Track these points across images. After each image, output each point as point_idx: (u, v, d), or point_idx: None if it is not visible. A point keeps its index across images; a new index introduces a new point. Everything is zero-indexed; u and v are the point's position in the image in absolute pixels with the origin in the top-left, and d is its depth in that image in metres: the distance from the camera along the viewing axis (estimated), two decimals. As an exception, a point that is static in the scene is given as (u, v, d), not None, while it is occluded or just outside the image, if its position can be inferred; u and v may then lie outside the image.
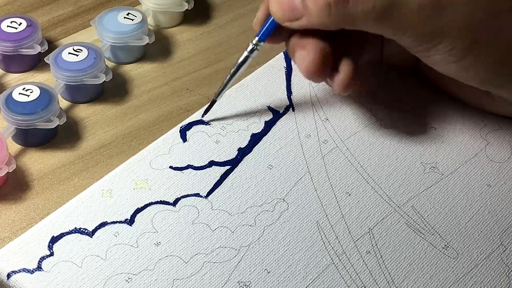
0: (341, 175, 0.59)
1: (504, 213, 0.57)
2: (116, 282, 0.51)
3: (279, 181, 0.58)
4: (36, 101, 0.61)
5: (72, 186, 0.60)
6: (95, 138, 0.64)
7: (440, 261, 0.54)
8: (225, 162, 0.60)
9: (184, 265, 0.53)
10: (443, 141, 0.62)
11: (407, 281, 0.53)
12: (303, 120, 0.63)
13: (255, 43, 0.60)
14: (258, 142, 0.61)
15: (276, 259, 0.54)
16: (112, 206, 0.56)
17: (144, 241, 0.54)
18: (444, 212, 0.57)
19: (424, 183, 0.59)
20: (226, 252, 0.54)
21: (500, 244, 0.55)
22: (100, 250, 0.53)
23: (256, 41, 0.60)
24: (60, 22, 0.75)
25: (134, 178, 0.58)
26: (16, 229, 0.57)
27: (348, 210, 0.57)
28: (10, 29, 0.67)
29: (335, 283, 0.52)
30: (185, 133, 0.62)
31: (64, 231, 0.54)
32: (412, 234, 0.56)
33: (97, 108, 0.66)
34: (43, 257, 0.52)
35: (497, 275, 0.54)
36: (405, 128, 0.63)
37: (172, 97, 0.68)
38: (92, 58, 0.65)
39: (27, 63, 0.69)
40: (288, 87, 0.66)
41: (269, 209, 0.56)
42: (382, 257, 0.54)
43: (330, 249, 0.54)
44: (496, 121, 0.64)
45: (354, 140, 0.62)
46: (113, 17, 0.69)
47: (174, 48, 0.73)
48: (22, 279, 0.51)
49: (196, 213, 0.56)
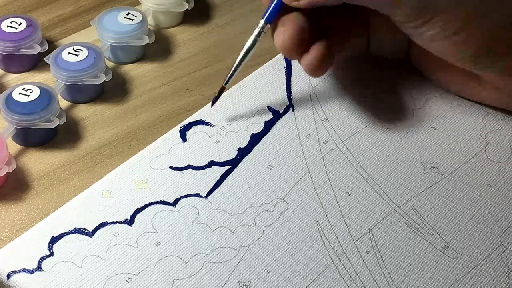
0: (341, 175, 0.59)
1: (504, 213, 0.57)
2: (116, 282, 0.51)
3: (279, 181, 0.58)
4: (36, 101, 0.61)
5: (72, 186, 0.60)
6: (95, 138, 0.64)
7: (440, 261, 0.54)
8: (225, 162, 0.60)
9: (184, 265, 0.53)
10: (443, 141, 0.62)
11: (407, 281, 0.53)
12: (303, 120, 0.63)
13: (261, 26, 0.60)
14: (258, 142, 0.61)
15: (276, 259, 0.54)
16: (112, 206, 0.56)
17: (144, 241, 0.54)
18: (444, 212, 0.57)
19: (424, 183, 0.59)
20: (226, 252, 0.54)
21: (500, 244, 0.55)
22: (100, 250, 0.53)
23: (262, 23, 0.60)
24: (60, 22, 0.75)
25: (134, 178, 0.58)
26: (16, 229, 0.57)
27: (348, 210, 0.57)
28: (10, 29, 0.67)
29: (335, 283, 0.52)
30: (185, 133, 0.62)
31: (64, 231, 0.54)
32: (412, 234, 0.56)
33: (97, 108, 0.66)
34: (43, 257, 0.52)
35: (497, 275, 0.54)
36: (405, 128, 0.63)
37: (172, 97, 0.68)
38: (92, 58, 0.65)
39: (27, 63, 0.69)
40: (288, 87, 0.66)
41: (269, 209, 0.56)
42: (382, 257, 0.54)
43: (330, 249, 0.54)
44: (496, 121, 0.64)
45: (354, 140, 0.62)
46: (113, 17, 0.69)
47: (174, 48, 0.73)
48: (22, 279, 0.51)
49: (196, 213, 0.56)
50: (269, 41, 0.74)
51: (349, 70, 0.68)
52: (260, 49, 0.68)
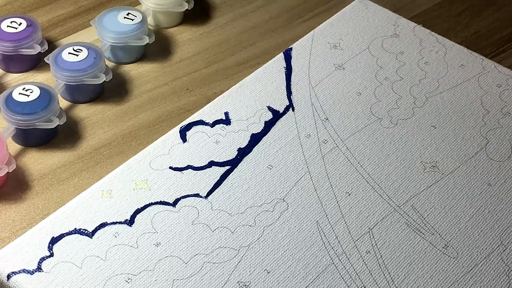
0: (341, 175, 0.59)
1: (504, 212, 0.57)
2: (116, 282, 0.51)
3: (279, 181, 0.58)
4: (36, 101, 0.61)
5: (72, 186, 0.60)
6: (95, 138, 0.64)
7: (440, 260, 0.54)
8: (225, 162, 0.60)
9: (184, 265, 0.53)
10: (443, 140, 0.62)
11: (407, 280, 0.53)
12: (303, 120, 0.63)
13: None
14: (258, 142, 0.61)
15: (276, 259, 0.54)
16: (112, 206, 0.56)
17: (144, 242, 0.54)
18: (444, 211, 0.57)
19: (424, 182, 0.59)
20: (226, 253, 0.54)
21: (500, 243, 0.55)
22: (100, 250, 0.53)
23: None
24: (60, 22, 0.75)
25: (134, 179, 0.58)
26: (16, 229, 0.57)
27: (348, 210, 0.57)
28: (10, 29, 0.67)
29: (335, 283, 0.52)
30: (185, 133, 0.62)
31: (64, 232, 0.54)
32: (412, 234, 0.56)
33: (97, 108, 0.67)
34: (43, 258, 0.52)
35: (497, 275, 0.54)
36: (405, 127, 0.63)
37: (172, 97, 0.68)
38: (92, 58, 0.65)
39: (27, 63, 0.69)
40: (288, 87, 0.66)
41: (269, 209, 0.56)
42: (382, 257, 0.54)
43: (330, 249, 0.54)
44: (496, 119, 0.64)
45: (354, 140, 0.62)
46: (113, 17, 0.69)
47: (174, 48, 0.73)
48: (22, 280, 0.51)
49: (196, 214, 0.56)
50: (269, 41, 0.74)
51: (349, 70, 0.68)
52: (260, 49, 0.68)
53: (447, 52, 0.70)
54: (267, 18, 0.76)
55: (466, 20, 0.78)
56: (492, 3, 0.80)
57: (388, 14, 0.74)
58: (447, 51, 0.70)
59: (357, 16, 0.73)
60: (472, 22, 0.78)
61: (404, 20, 0.73)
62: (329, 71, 0.67)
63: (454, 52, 0.70)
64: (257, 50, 0.65)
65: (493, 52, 0.74)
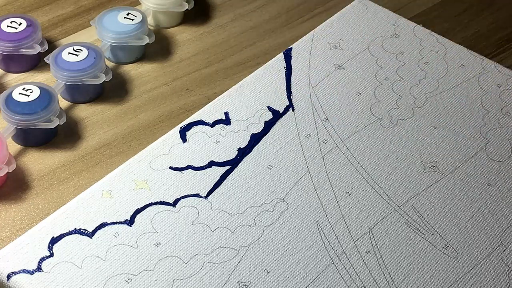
0: (341, 175, 0.59)
1: (504, 212, 0.57)
2: (116, 282, 0.51)
3: (279, 181, 0.58)
4: (36, 101, 0.61)
5: (72, 186, 0.60)
6: (95, 138, 0.64)
7: (440, 260, 0.54)
8: (225, 163, 0.60)
9: (184, 265, 0.53)
10: (443, 140, 0.62)
11: (407, 281, 0.53)
12: (303, 120, 0.63)
13: None
14: (258, 142, 0.61)
15: (276, 259, 0.54)
16: (112, 206, 0.56)
17: (144, 242, 0.54)
18: (444, 211, 0.57)
19: (424, 182, 0.59)
20: (226, 253, 0.54)
21: (500, 243, 0.55)
22: (100, 250, 0.53)
23: None
24: (60, 22, 0.75)
25: (134, 179, 0.58)
26: (16, 229, 0.57)
27: (348, 210, 0.57)
28: (10, 29, 0.67)
29: (335, 283, 0.52)
30: (185, 133, 0.62)
31: (64, 232, 0.54)
32: (412, 234, 0.56)
33: (97, 108, 0.67)
34: (43, 258, 0.52)
35: (497, 275, 0.54)
36: (405, 127, 0.63)
37: (172, 97, 0.68)
38: (92, 58, 0.65)
39: (27, 63, 0.69)
40: (288, 87, 0.66)
41: (269, 209, 0.56)
42: (382, 257, 0.54)
43: (330, 249, 0.54)
44: (497, 119, 0.64)
45: (354, 140, 0.62)
46: (113, 17, 0.69)
47: (174, 48, 0.73)
48: (22, 280, 0.51)
49: (196, 214, 0.56)
50: (269, 41, 0.74)
51: (349, 70, 0.68)
52: (260, 49, 0.68)
53: (447, 52, 0.70)
54: (267, 18, 0.76)
55: (466, 20, 0.78)
56: (492, 3, 0.80)
57: (388, 14, 0.74)
58: (447, 51, 0.70)
59: (357, 16, 0.73)
60: (472, 22, 0.78)
61: (404, 20, 0.73)
62: (329, 71, 0.67)
63: (454, 52, 0.70)
64: (257, 50, 0.65)
65: (493, 52, 0.74)
